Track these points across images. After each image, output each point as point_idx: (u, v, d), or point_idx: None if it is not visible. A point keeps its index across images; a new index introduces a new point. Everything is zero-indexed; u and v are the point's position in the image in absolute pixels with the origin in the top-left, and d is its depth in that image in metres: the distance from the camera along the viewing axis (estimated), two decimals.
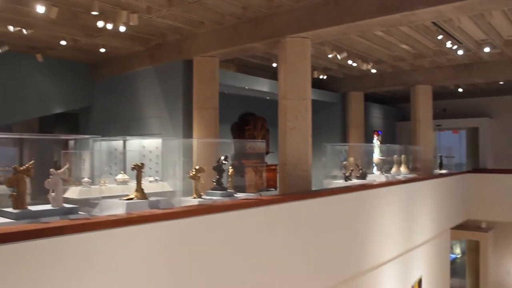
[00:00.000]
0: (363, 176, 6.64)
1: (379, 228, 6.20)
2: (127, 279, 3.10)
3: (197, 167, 4.67)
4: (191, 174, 4.62)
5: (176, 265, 3.42)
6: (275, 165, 6.11)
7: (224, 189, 4.77)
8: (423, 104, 10.34)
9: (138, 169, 4.14)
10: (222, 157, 4.90)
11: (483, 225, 12.98)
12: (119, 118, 8.91)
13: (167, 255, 3.37)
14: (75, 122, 10.26)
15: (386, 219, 6.39)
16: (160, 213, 3.47)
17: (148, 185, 6.00)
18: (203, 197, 4.62)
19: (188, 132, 7.58)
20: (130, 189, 4.28)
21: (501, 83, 11.89)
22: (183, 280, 3.44)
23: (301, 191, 5.17)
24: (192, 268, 3.52)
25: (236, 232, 3.95)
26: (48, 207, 3.34)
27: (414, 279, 7.74)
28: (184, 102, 7.73)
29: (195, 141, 6.96)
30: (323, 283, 5.08)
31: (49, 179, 3.33)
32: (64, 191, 4.10)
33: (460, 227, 12.51)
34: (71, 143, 7.56)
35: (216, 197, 4.62)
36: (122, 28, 6.30)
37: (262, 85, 9.54)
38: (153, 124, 8.28)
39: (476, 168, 12.53)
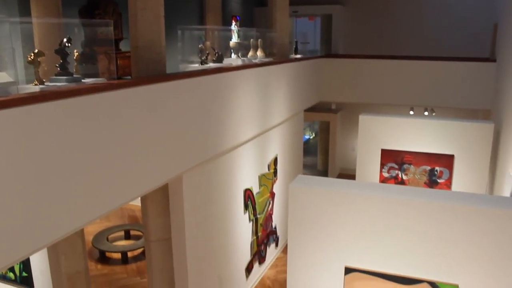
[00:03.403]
0: (219, 59, 6.57)
1: (236, 110, 6.32)
2: None
3: (36, 51, 4.21)
4: (29, 59, 4.17)
5: (14, 161, 3.12)
6: (130, 52, 5.74)
7: (69, 74, 4.38)
8: None
9: None
10: (65, 39, 4.44)
11: (333, 107, 14.07)
12: None
13: (4, 149, 3.04)
14: None
15: (243, 101, 6.52)
16: None
17: None
18: (46, 83, 4.22)
19: (25, 16, 6.73)
20: None
21: None
22: (21, 175, 3.18)
23: (155, 75, 4.97)
24: (32, 163, 3.25)
25: (83, 119, 3.69)
26: None
27: (270, 158, 8.23)
28: None
29: (35, 22, 6.18)
30: (181, 166, 5.13)
31: None
32: None
33: (313, 109, 13.36)
34: None
35: (60, 83, 4.24)
36: None
37: None
38: None
39: (329, 53, 13.22)
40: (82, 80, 4.49)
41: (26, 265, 7.09)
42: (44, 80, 4.23)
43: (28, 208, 3.19)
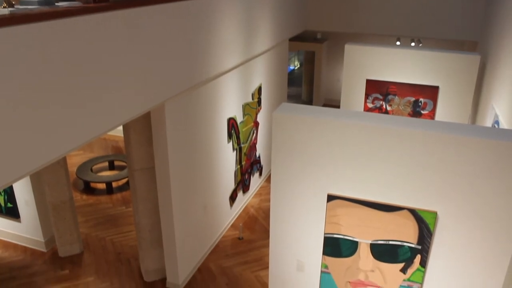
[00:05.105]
0: None
1: (220, 37, 6.14)
2: None
3: None
4: None
5: None
6: None
7: None
8: None
9: None
10: None
11: (319, 36, 13.80)
12: None
13: None
14: None
15: (226, 27, 6.32)
16: None
17: None
18: (16, 6, 4.00)
19: None
20: None
21: None
22: None
23: None
24: (8, 90, 3.12)
25: (59, 44, 3.53)
26: None
27: (254, 87, 8.13)
28: None
29: None
30: (163, 94, 5.02)
31: None
32: None
33: (298, 38, 13.11)
34: None
35: (32, 6, 4.02)
36: None
37: None
38: None
39: None
40: (56, 4, 4.26)
41: (10, 196, 7.10)
42: (14, 2, 4.01)
43: (7, 136, 3.10)
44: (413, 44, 12.09)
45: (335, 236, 4.90)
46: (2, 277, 6.60)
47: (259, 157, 8.97)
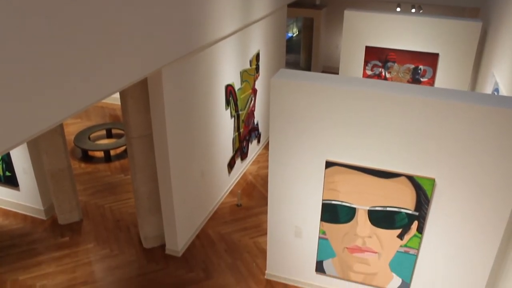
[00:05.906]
0: None
1: (217, 3, 6.02)
2: None
3: None
4: None
5: None
6: None
7: None
8: None
9: None
10: None
11: (318, 2, 13.58)
12: None
13: None
14: None
15: None
16: None
17: None
18: None
19: None
20: None
21: None
22: None
23: None
24: (3, 55, 3.06)
25: (52, 9, 3.45)
26: None
27: (252, 54, 8.03)
28: None
29: None
30: (160, 60, 4.95)
31: None
32: None
33: (296, 4, 12.91)
34: None
35: None
36: None
37: None
38: None
39: None
40: None
41: (8, 164, 7.09)
42: None
43: (2, 103, 3.07)
44: (413, 10, 11.91)
45: (333, 202, 4.93)
46: (3, 244, 6.66)
47: (257, 124, 8.95)
